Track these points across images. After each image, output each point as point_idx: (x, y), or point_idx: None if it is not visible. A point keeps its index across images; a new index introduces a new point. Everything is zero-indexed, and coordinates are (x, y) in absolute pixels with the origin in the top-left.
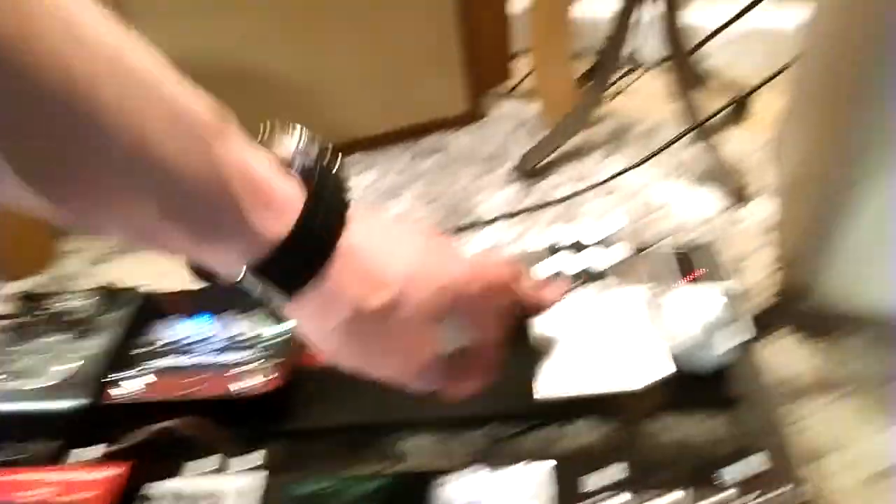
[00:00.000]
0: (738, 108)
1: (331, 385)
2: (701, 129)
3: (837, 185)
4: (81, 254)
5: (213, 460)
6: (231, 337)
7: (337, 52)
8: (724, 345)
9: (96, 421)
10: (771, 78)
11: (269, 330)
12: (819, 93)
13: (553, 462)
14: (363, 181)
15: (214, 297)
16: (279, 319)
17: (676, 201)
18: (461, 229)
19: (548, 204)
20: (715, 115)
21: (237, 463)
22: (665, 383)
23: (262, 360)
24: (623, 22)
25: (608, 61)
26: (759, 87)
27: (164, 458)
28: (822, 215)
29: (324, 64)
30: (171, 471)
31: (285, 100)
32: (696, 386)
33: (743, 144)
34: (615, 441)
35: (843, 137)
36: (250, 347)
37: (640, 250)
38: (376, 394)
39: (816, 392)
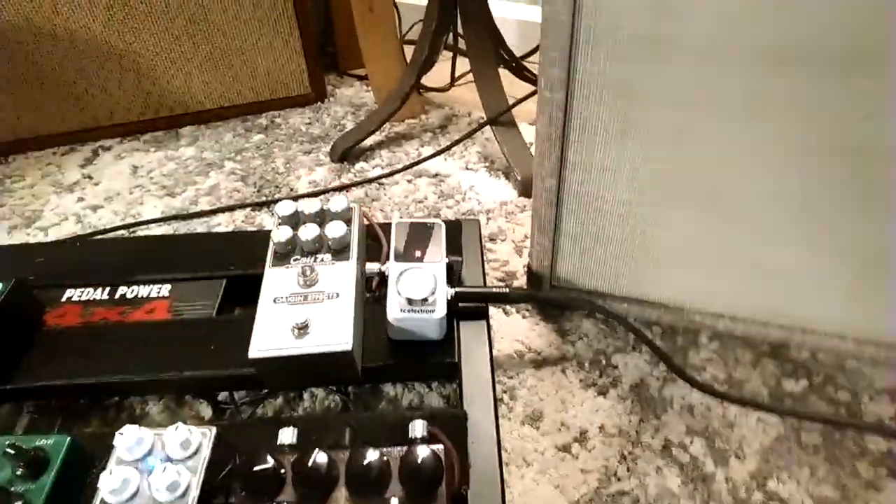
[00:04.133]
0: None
1: (59, 343)
2: (503, 122)
3: (553, 189)
4: None
5: None
6: None
7: (175, 22)
8: (433, 316)
9: None
10: None
11: None
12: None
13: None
14: (186, 153)
15: None
16: None
17: (478, 186)
18: (266, 203)
19: (355, 184)
20: (513, 106)
21: None
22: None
23: None
24: (442, 8)
25: (424, 48)
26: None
27: None
28: (548, 214)
29: (162, 34)
30: None
31: (121, 66)
32: (414, 353)
33: None
34: (348, 406)
35: (550, 154)
36: None
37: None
38: (109, 356)
39: (539, 364)
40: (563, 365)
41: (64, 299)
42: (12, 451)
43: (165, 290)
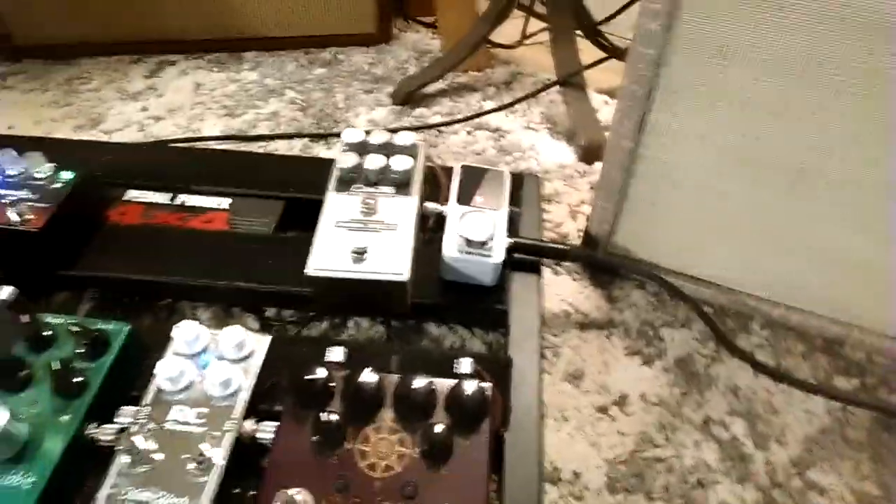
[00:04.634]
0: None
1: (120, 239)
2: (573, 85)
3: (628, 153)
4: None
5: None
6: (7, 174)
7: None
8: (489, 262)
9: None
10: None
11: (42, 173)
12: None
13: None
14: (248, 77)
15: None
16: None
17: (538, 146)
18: (325, 136)
19: (415, 128)
20: (585, 69)
21: None
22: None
23: (34, 201)
24: None
25: (499, 3)
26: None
27: None
28: (618, 178)
29: None
30: None
31: None
32: (464, 296)
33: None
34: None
35: (632, 115)
36: (24, 187)
37: (475, 170)
38: (164, 256)
39: (585, 326)
40: (609, 330)
41: (127, 198)
42: (77, 330)
43: (225, 203)
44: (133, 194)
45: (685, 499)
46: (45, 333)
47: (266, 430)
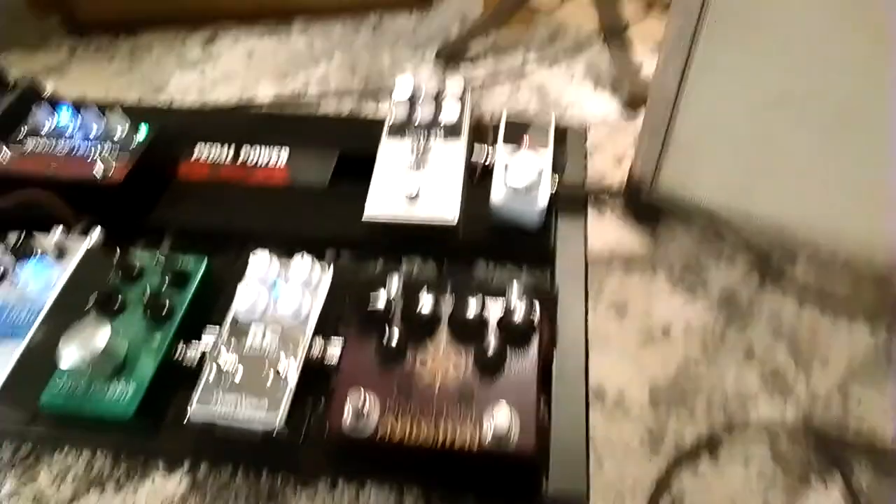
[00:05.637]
0: None
1: (191, 192)
2: (617, 38)
3: (673, 92)
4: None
5: (59, 231)
6: (90, 130)
7: None
8: (535, 205)
9: None
10: None
11: (120, 129)
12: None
13: None
14: (295, 44)
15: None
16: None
17: (581, 100)
18: (371, 94)
19: None
20: (627, 24)
21: (77, 238)
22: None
23: (114, 155)
24: None
25: None
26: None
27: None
28: (663, 118)
29: None
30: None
31: None
32: (512, 235)
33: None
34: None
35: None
36: (105, 142)
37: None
38: (230, 206)
39: (630, 263)
40: (654, 267)
41: (194, 158)
42: (162, 262)
43: (283, 159)
44: (199, 153)
45: (727, 414)
46: (135, 267)
47: (334, 350)
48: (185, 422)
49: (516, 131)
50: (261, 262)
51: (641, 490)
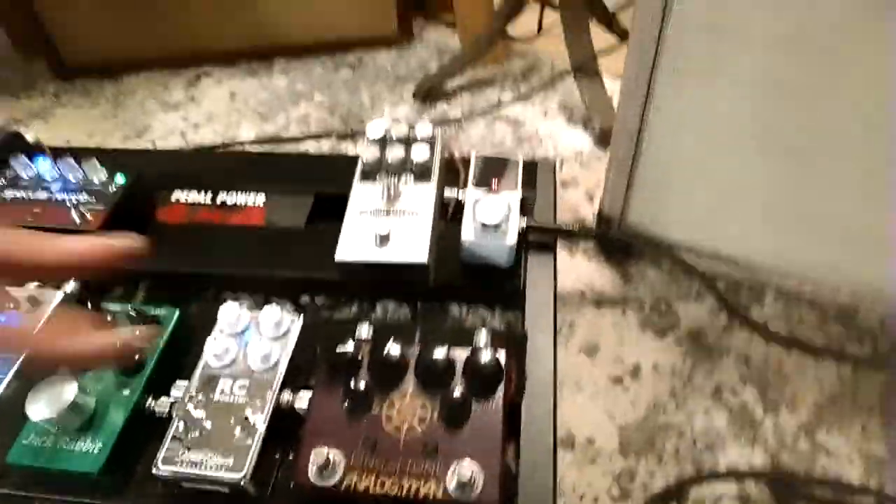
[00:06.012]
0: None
1: (167, 236)
2: (587, 72)
3: (635, 128)
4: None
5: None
6: (68, 180)
7: None
8: (504, 241)
9: None
10: None
11: (99, 178)
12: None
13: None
14: (276, 84)
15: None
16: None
17: (555, 135)
18: (352, 135)
19: (436, 124)
20: (595, 57)
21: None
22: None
23: (92, 203)
24: None
25: None
26: None
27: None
28: (627, 154)
29: None
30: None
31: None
32: (483, 276)
33: None
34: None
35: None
36: (83, 191)
37: (490, 159)
38: (206, 249)
39: (600, 303)
40: (624, 306)
41: (173, 200)
42: (134, 315)
43: (261, 200)
44: (178, 195)
45: (695, 461)
46: (106, 319)
47: (302, 399)
48: (151, 478)
49: (487, 170)
50: (230, 312)
51: None
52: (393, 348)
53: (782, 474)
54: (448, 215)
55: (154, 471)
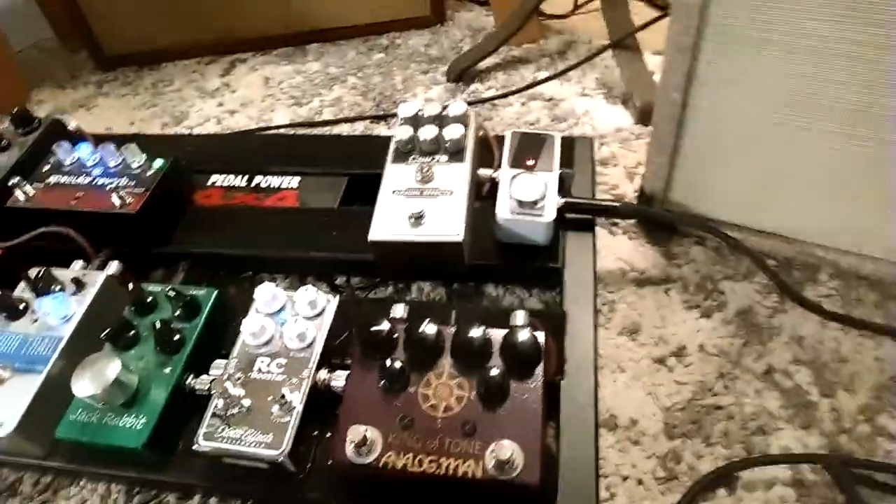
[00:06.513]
0: None
1: (205, 219)
2: (627, 47)
3: (678, 105)
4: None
5: (78, 265)
6: (108, 165)
7: None
8: (542, 219)
9: None
10: None
11: (137, 162)
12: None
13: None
14: (310, 68)
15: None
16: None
17: (593, 112)
18: (385, 117)
19: (470, 104)
20: (638, 30)
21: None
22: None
23: (131, 187)
24: None
25: None
26: None
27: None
28: (670, 131)
29: None
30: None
31: None
32: (519, 256)
33: None
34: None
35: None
36: (122, 175)
37: (526, 136)
38: (246, 234)
39: (642, 282)
40: (667, 286)
41: (209, 183)
42: (173, 295)
43: (295, 182)
44: (215, 179)
45: (745, 444)
46: (147, 300)
47: (338, 378)
48: (192, 453)
49: (522, 149)
50: (266, 292)
51: None
52: (429, 327)
53: (842, 457)
54: (483, 195)
55: (195, 446)
